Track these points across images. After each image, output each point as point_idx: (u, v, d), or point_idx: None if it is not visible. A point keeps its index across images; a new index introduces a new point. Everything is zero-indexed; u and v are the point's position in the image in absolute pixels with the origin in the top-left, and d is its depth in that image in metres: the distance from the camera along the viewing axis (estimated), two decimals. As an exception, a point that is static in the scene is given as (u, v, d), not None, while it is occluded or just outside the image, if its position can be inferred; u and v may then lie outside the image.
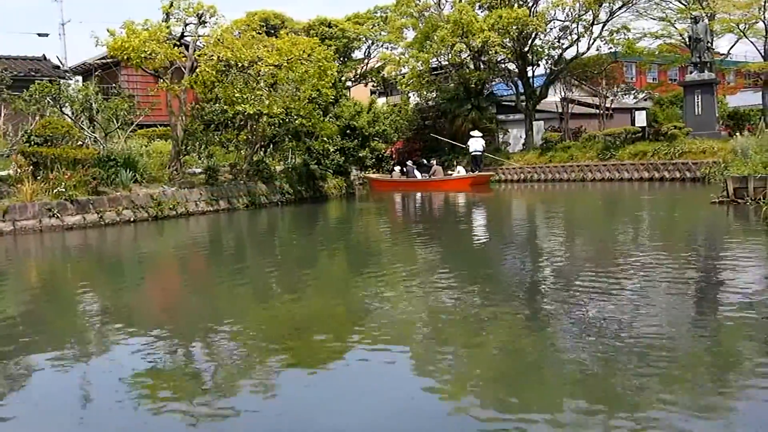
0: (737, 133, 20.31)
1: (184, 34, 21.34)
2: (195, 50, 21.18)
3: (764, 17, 31.04)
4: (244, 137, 23.02)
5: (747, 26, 31.98)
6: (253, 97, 20.61)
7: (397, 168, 31.80)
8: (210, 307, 7.66)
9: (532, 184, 30.04)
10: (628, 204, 19.04)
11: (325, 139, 24.25)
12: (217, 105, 22.99)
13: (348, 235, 15.65)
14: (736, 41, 33.46)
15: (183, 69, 21.29)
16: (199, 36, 21.26)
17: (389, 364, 5.22)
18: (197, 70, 19.99)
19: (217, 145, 22.67)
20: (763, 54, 32.21)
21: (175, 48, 20.12)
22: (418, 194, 27.17)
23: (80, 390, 5.00)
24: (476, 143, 31.12)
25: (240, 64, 19.80)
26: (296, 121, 23.73)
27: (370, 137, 28.79)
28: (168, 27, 20.43)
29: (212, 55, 19.52)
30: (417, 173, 31.23)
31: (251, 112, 20.43)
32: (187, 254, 13.32)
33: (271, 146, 27.05)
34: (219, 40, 19.75)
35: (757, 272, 8.06)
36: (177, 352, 5.84)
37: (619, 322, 5.93)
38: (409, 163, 32.13)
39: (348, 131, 28.16)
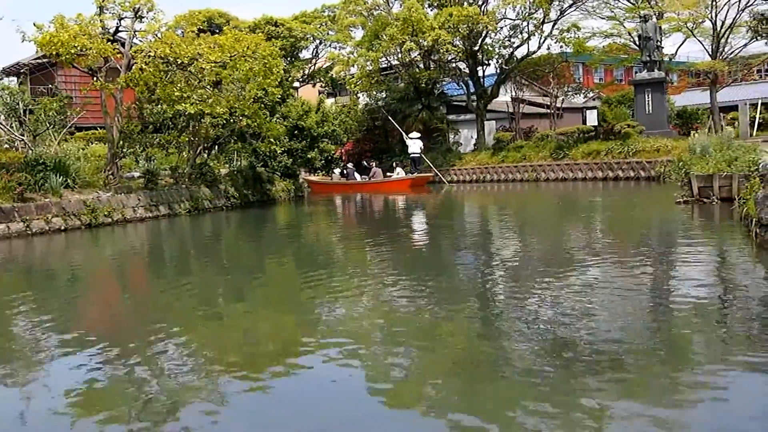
0: (693, 132, 20.02)
1: (119, 29, 20.06)
2: (131, 47, 19.93)
3: (711, 16, 31.15)
4: (186, 139, 21.80)
5: (694, 25, 32.06)
6: (194, 96, 19.47)
7: (337, 170, 31.41)
8: (150, 321, 7.13)
9: (485, 185, 29.59)
10: (591, 206, 18.26)
11: (271, 140, 23.12)
12: (159, 106, 21.77)
13: (296, 241, 14.79)
14: (684, 40, 33.58)
15: (119, 67, 20.06)
16: (135, 32, 20.00)
17: (341, 371, 5.08)
18: (133, 67, 18.76)
19: (156, 147, 21.39)
20: (710, 53, 32.35)
21: (110, 44, 18.86)
22: (359, 196, 26.98)
23: (10, 412, 4.59)
24: (414, 145, 31.14)
25: (179, 62, 18.65)
26: (241, 122, 22.62)
27: (319, 138, 27.75)
28: (101, 21, 19.15)
29: (149, 52, 18.31)
30: (357, 175, 30.93)
31: (192, 112, 19.28)
32: (124, 265, 12.27)
33: (216, 148, 25.88)
34: (156, 35, 18.54)
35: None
36: (115, 370, 5.41)
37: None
38: (350, 165, 31.75)
39: (296, 132, 27.06)
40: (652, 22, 28.76)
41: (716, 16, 31.16)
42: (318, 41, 40.26)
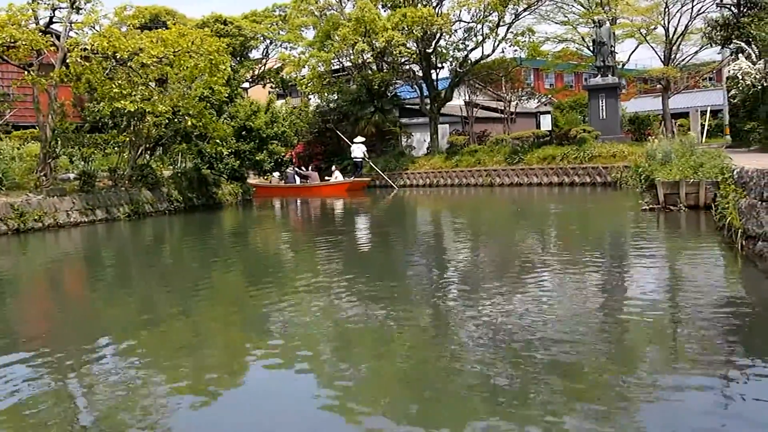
0: (652, 137, 19.71)
1: (53, 20, 18.79)
2: (67, 39, 18.69)
3: (664, 22, 31.22)
4: (125, 138, 20.59)
5: (647, 32, 32.10)
6: (136, 93, 18.36)
7: (276, 173, 30.90)
8: (83, 334, 6.71)
9: (439, 189, 29.01)
10: (556, 214, 17.34)
11: (217, 141, 22.03)
12: (101, 104, 20.56)
13: (241, 247, 13.93)
14: (637, 46, 33.66)
15: (53, 61, 18.80)
16: (71, 23, 18.75)
17: (289, 380, 4.99)
18: (68, 61, 17.56)
19: (92, 146, 20.15)
20: (662, 59, 32.43)
21: (43, 36, 17.63)
22: (299, 200, 26.85)
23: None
24: (357, 150, 31.09)
25: (119, 56, 17.52)
26: (186, 121, 21.51)
27: (268, 139, 26.68)
28: (33, 11, 17.89)
29: (85, 46, 17.15)
30: (297, 179, 30.55)
31: (132, 110, 18.14)
32: (55, 274, 11.28)
33: (160, 149, 24.69)
34: (94, 27, 17.39)
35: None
36: (45, 384, 5.05)
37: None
38: (290, 169, 31.30)
39: (244, 133, 25.92)
40: (606, 27, 28.57)
41: (669, 22, 31.27)
42: (268, 41, 39.61)
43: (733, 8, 22.61)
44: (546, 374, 4.63)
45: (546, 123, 30.73)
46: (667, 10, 30.66)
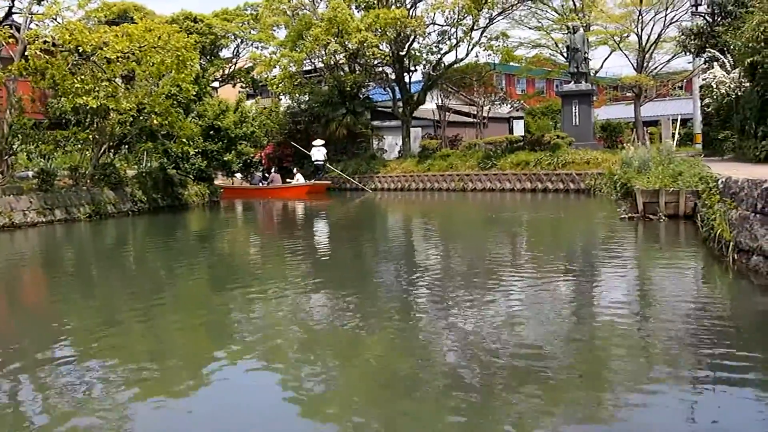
0: (628, 144, 19.54)
1: (12, 11, 18.02)
2: (27, 31, 17.94)
3: (637, 30, 31.27)
4: (86, 136, 19.83)
5: (621, 39, 32.14)
6: (98, 89, 17.67)
7: (238, 175, 30.76)
8: (39, 340, 6.33)
9: (410, 193, 28.65)
10: (533, 222, 16.42)
11: (184, 140, 21.34)
12: (63, 99, 19.79)
13: (207, 250, 13.31)
14: (610, 54, 33.77)
15: (12, 54, 18.05)
16: (31, 15, 18.00)
17: (257, 387, 4.87)
18: (28, 54, 16.84)
19: (52, 144, 19.38)
20: (635, 67, 32.48)
21: (1, 27, 16.88)
22: (261, 202, 26.59)
23: None
24: (318, 153, 31.25)
25: (81, 50, 16.84)
26: (153, 120, 20.82)
27: (237, 139, 26.03)
28: (-10, 1, 17.16)
29: (46, 38, 16.45)
30: (262, 181, 30.56)
31: (95, 107, 17.45)
32: (9, 277, 10.58)
33: (125, 148, 23.94)
34: (55, 19, 16.69)
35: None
36: (3, 388, 4.84)
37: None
38: (258, 173, 31.25)
39: (212, 132, 25.22)
40: (580, 33, 28.47)
41: (642, 30, 31.32)
42: (239, 40, 39.14)
43: (707, 17, 22.56)
44: (516, 382, 4.56)
45: (519, 128, 30.68)
46: (640, 18, 30.74)
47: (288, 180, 30.76)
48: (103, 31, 17.45)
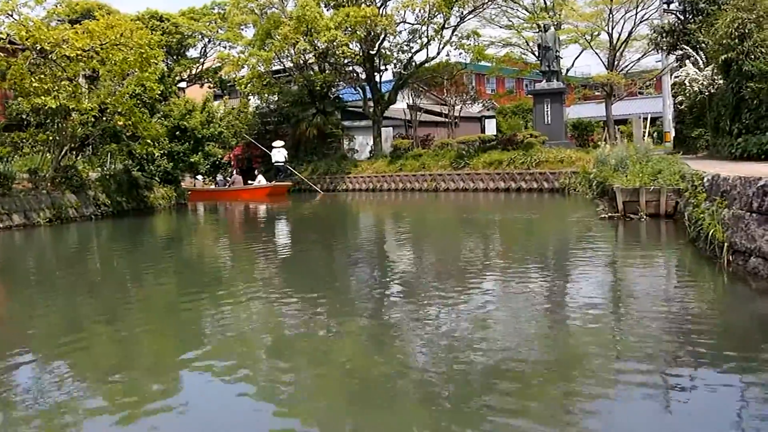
0: (602, 143, 19.35)
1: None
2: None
3: (608, 29, 31.23)
4: (46, 137, 19.08)
5: (591, 37, 32.08)
6: (57, 88, 16.99)
7: (200, 177, 30.44)
8: (2, 343, 6.14)
9: (382, 194, 28.26)
10: (507, 222, 16.01)
11: (149, 141, 20.65)
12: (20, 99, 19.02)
13: (174, 254, 12.78)
14: (581, 52, 33.67)
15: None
16: (-15, 11, 17.24)
17: (227, 394, 4.69)
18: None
19: (9, 146, 18.60)
20: (606, 65, 32.44)
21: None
22: (223, 204, 26.40)
23: None
24: (278, 154, 31.17)
25: (39, 47, 16.14)
26: (116, 120, 20.12)
27: (204, 140, 25.35)
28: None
29: (1, 35, 15.74)
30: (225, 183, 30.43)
31: (54, 107, 16.76)
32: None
33: (90, 149, 23.17)
34: (11, 15, 15.98)
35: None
36: None
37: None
38: (219, 176, 31.01)
39: (178, 133, 24.51)
40: (551, 31, 28.31)
41: (613, 29, 31.29)
42: (207, 40, 38.57)
43: (679, 15, 22.49)
44: (489, 384, 4.52)
45: (491, 127, 30.52)
46: (611, 16, 30.68)
47: (250, 182, 30.62)
48: (63, 28, 16.76)
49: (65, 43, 16.37)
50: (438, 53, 31.52)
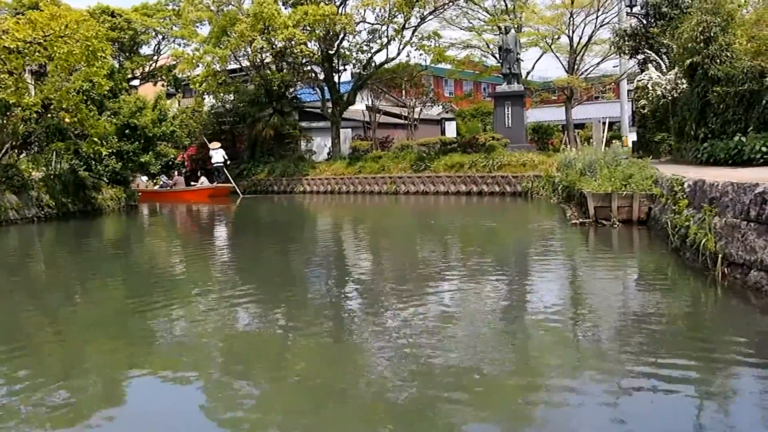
0: (566, 147, 19.03)
1: None
2: None
3: (568, 32, 31.12)
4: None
5: (552, 41, 31.95)
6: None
7: (144, 178, 29.85)
8: None
9: (341, 196, 27.62)
10: (473, 227, 15.23)
11: (96, 139, 19.59)
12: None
13: (121, 259, 11.96)
14: (541, 55, 33.60)
15: None
16: None
17: (181, 401, 4.58)
18: None
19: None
20: (566, 69, 32.35)
21: None
22: (162, 205, 26.09)
23: None
24: (217, 155, 30.89)
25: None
26: (62, 117, 19.04)
27: (155, 139, 24.30)
28: None
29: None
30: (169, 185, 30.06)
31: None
32: None
33: (35, 147, 21.97)
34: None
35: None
36: None
37: None
38: (163, 177, 30.11)
39: (127, 131, 23.38)
40: (512, 34, 28.03)
41: (573, 32, 31.18)
42: (161, 36, 37.53)
43: (641, 19, 22.37)
44: (447, 388, 4.48)
45: (451, 130, 30.16)
46: (571, 20, 30.56)
47: (193, 183, 30.33)
48: (3, 18, 15.73)
49: (5, 33, 15.37)
50: (398, 54, 31.04)
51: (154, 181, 29.89)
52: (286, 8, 30.72)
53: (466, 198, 23.43)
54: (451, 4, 30.67)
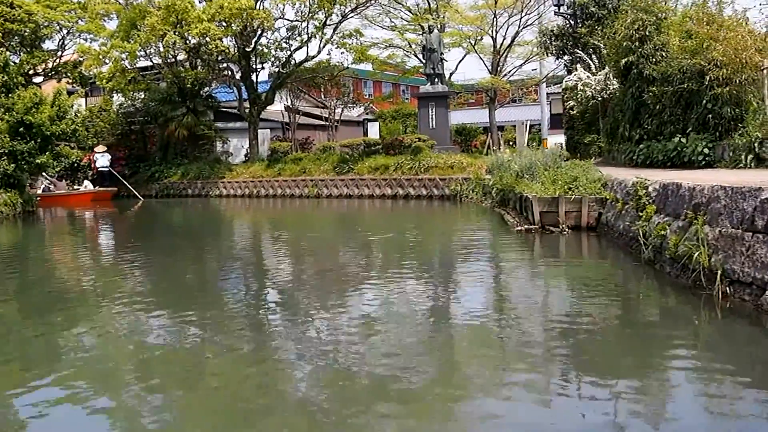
0: (501, 147, 18.35)
1: None
2: None
3: (492, 33, 30.73)
4: None
5: (475, 41, 31.49)
6: None
7: (46, 180, 28.43)
8: None
9: (259, 200, 26.34)
10: (404, 234, 14.18)
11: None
12: None
13: (17, 272, 10.66)
14: (464, 56, 33.04)
15: None
16: None
17: (89, 422, 4.22)
18: None
19: None
20: (489, 70, 31.95)
21: None
22: (46, 209, 24.74)
23: None
24: (102, 159, 30.05)
25: None
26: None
27: (54, 138, 22.18)
28: None
29: None
30: (51, 187, 28.43)
31: None
32: None
33: None
34: None
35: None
36: None
37: None
38: (46, 180, 28.61)
39: (21, 129, 21.17)
40: (435, 33, 27.37)
41: (497, 33, 30.81)
42: (65, 31, 34.96)
43: (569, 18, 21.99)
44: (370, 397, 4.41)
45: (374, 131, 29.29)
46: (495, 20, 30.15)
47: (76, 187, 29.08)
48: None
49: None
50: (319, 52, 29.91)
51: (35, 183, 28.08)
52: (200, 1, 29.16)
53: (392, 202, 22.43)
54: (373, 2, 29.76)
